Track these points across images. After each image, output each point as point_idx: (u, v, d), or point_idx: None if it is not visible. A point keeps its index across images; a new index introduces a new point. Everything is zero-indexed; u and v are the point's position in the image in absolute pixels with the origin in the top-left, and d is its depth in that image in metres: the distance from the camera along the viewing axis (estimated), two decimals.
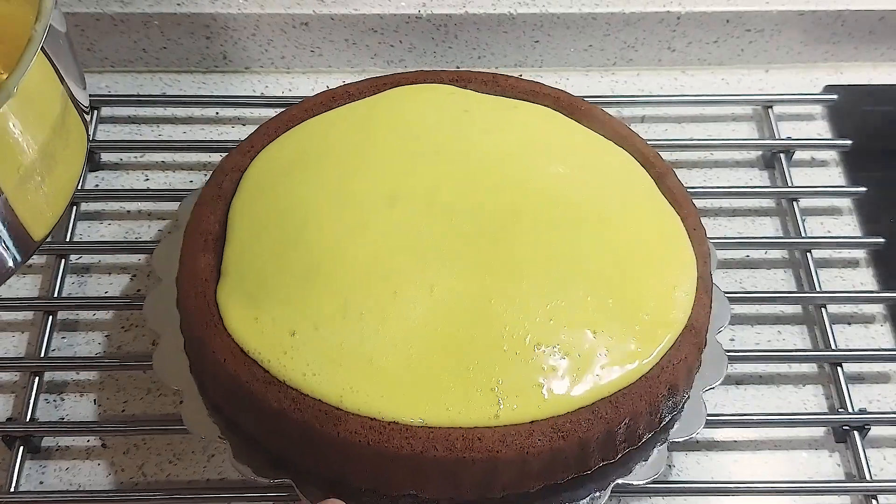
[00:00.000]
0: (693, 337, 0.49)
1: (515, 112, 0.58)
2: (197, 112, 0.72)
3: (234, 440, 0.48)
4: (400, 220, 0.51)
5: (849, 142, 0.69)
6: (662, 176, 0.55)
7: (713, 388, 0.53)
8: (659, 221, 0.53)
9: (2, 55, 0.49)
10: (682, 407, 0.51)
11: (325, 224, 0.51)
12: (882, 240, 0.64)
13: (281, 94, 0.73)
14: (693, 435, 0.51)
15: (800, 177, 0.69)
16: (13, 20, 0.48)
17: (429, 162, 0.54)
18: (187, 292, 0.50)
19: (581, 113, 0.58)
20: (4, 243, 0.44)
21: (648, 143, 0.58)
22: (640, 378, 0.47)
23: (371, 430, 0.44)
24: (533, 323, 0.47)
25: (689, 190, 0.67)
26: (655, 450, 0.50)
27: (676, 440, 0.51)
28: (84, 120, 0.49)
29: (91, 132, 0.69)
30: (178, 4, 0.70)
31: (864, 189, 0.66)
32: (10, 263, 0.45)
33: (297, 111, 0.58)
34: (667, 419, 0.50)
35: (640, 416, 0.47)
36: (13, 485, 0.53)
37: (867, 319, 0.63)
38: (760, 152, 0.70)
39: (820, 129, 0.73)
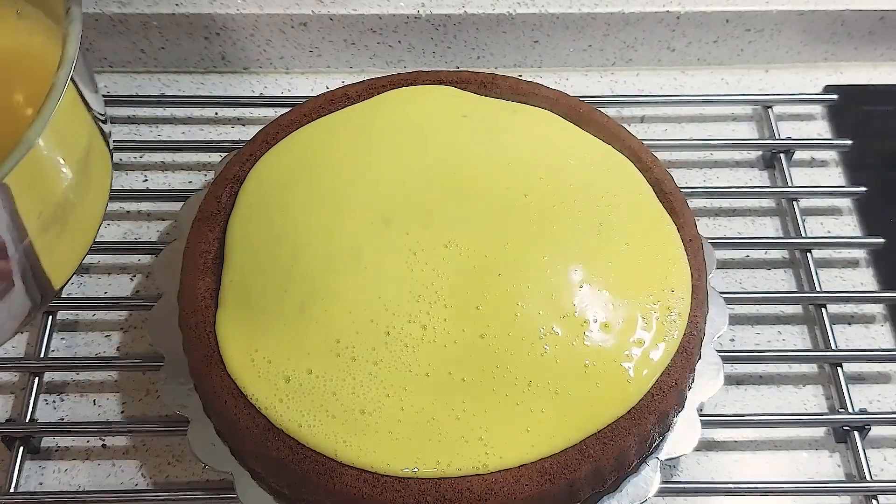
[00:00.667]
0: (684, 360, 0.49)
1: (514, 117, 0.57)
2: (196, 112, 0.71)
3: (241, 472, 0.48)
4: (393, 245, 0.50)
5: (849, 142, 0.69)
6: (660, 182, 0.55)
7: (704, 403, 0.52)
8: (656, 234, 0.52)
9: (30, 91, 0.48)
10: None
11: (317, 251, 0.50)
12: (882, 240, 0.63)
13: (280, 95, 0.73)
14: (685, 454, 0.51)
15: (800, 177, 0.69)
16: (39, 55, 0.48)
17: (426, 174, 0.54)
18: (188, 319, 0.50)
19: (580, 116, 0.58)
20: (27, 289, 0.43)
21: (647, 144, 0.58)
22: (628, 411, 0.46)
23: (364, 482, 0.44)
24: (524, 360, 0.47)
25: (689, 190, 0.67)
26: (647, 465, 0.50)
27: (671, 456, 0.51)
28: (109, 152, 0.49)
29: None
30: (177, 5, 0.70)
31: (864, 189, 0.66)
32: (28, 310, 0.44)
33: (295, 115, 0.58)
34: (658, 441, 0.49)
35: (629, 449, 0.46)
36: (13, 485, 0.53)
37: (867, 319, 0.62)
38: (760, 152, 0.70)
39: (820, 129, 0.73)
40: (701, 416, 0.57)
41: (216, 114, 0.72)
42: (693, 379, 0.51)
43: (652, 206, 0.54)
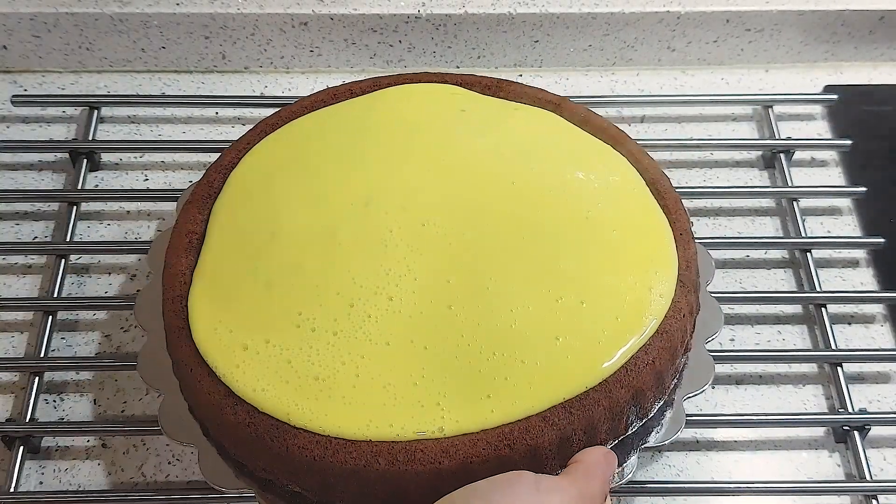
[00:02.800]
0: (665, 341, 0.48)
1: (514, 113, 0.58)
2: (196, 112, 0.72)
3: (205, 445, 0.49)
4: (371, 223, 0.51)
5: (849, 142, 0.69)
6: (655, 181, 0.55)
7: (694, 395, 0.52)
8: (645, 224, 0.52)
9: None
10: (662, 414, 0.50)
11: (295, 230, 0.51)
12: (882, 240, 0.64)
13: (280, 94, 0.73)
14: (665, 442, 0.50)
15: (800, 177, 0.69)
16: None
17: (416, 161, 0.54)
18: (167, 294, 0.51)
19: (581, 119, 0.58)
20: None
21: (647, 144, 0.58)
22: (599, 383, 0.46)
23: (316, 445, 0.45)
24: (491, 330, 0.47)
25: (688, 190, 0.67)
26: (628, 458, 0.49)
27: (648, 445, 0.50)
28: None
29: (91, 133, 0.69)
30: (177, 4, 0.70)
31: (864, 189, 0.66)
32: None
33: (296, 107, 0.59)
34: (635, 425, 0.48)
35: (599, 422, 0.46)
36: (13, 485, 0.53)
37: (867, 319, 0.63)
38: (760, 152, 0.70)
39: (820, 129, 0.73)
40: (701, 415, 0.58)
41: (216, 113, 0.72)
42: (680, 374, 0.51)
43: (644, 199, 0.54)
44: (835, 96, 0.71)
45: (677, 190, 0.67)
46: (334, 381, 0.46)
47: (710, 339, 0.53)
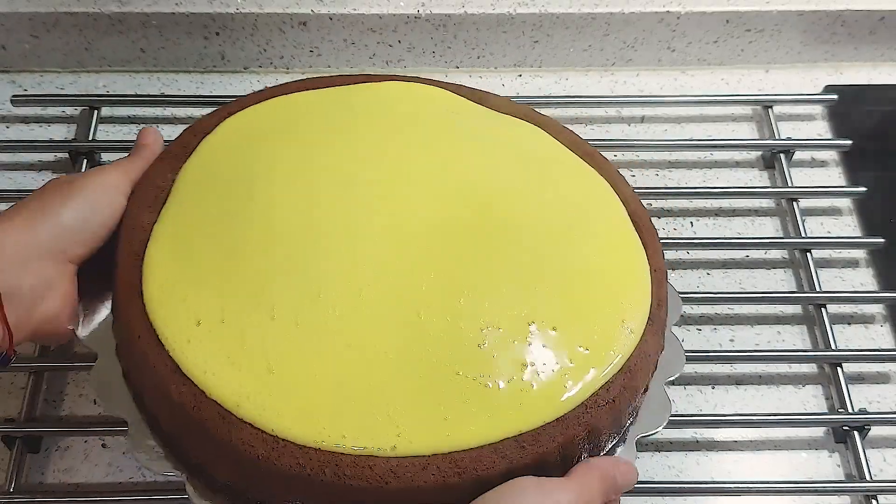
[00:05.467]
0: (627, 380, 0.46)
1: (502, 123, 0.56)
2: (196, 112, 0.71)
3: (136, 419, 0.46)
4: (351, 208, 0.48)
5: (849, 142, 0.69)
6: (635, 213, 0.52)
7: (648, 435, 0.49)
8: (624, 256, 0.50)
9: None
10: (614, 451, 0.48)
11: (270, 202, 0.48)
12: (882, 240, 0.64)
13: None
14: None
15: (800, 177, 0.69)
16: None
17: (403, 153, 0.51)
18: (122, 249, 0.48)
19: (569, 141, 0.55)
20: None
21: (647, 144, 0.58)
22: (556, 419, 0.44)
23: (263, 443, 0.42)
24: (458, 347, 0.44)
25: (688, 190, 0.68)
26: None
27: None
28: None
29: (91, 133, 0.69)
30: (177, 4, 0.70)
31: (864, 189, 0.66)
32: None
33: (291, 86, 0.56)
34: (584, 458, 0.46)
35: (550, 458, 0.43)
36: (13, 484, 0.53)
37: (867, 319, 0.63)
38: (760, 152, 0.70)
39: (820, 129, 0.73)
40: (701, 415, 0.58)
41: None
42: (636, 412, 0.48)
43: (624, 228, 0.51)
44: (835, 96, 0.71)
45: (677, 190, 0.68)
46: (290, 377, 0.43)
47: (669, 378, 0.50)
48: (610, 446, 0.47)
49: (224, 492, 0.45)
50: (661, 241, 0.64)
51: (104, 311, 0.49)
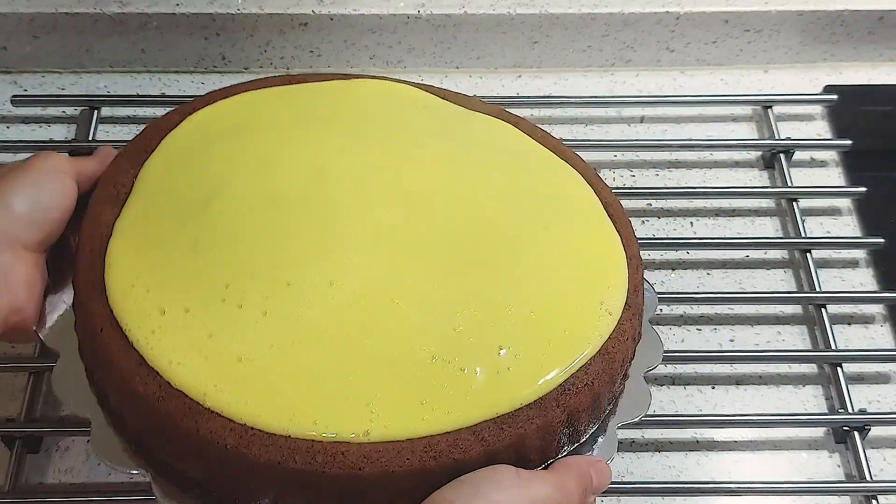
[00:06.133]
0: (606, 363, 0.45)
1: (474, 119, 0.55)
2: None
3: (100, 419, 0.45)
4: (321, 197, 0.47)
5: (849, 142, 0.69)
6: (609, 203, 0.52)
7: (628, 422, 0.48)
8: (600, 241, 0.50)
9: None
10: (594, 440, 0.47)
11: (235, 194, 0.47)
12: (882, 240, 0.64)
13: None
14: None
15: (799, 177, 0.69)
16: None
17: (375, 145, 0.50)
18: (82, 246, 0.47)
19: (539, 136, 0.55)
20: None
21: (647, 143, 0.58)
22: (535, 400, 0.43)
23: (231, 433, 0.41)
24: (433, 332, 0.44)
25: (688, 190, 0.68)
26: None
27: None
28: None
29: (91, 133, 0.69)
30: (177, 5, 0.70)
31: (864, 189, 0.66)
32: None
33: (260, 83, 0.56)
34: (566, 449, 0.46)
35: (530, 441, 0.43)
36: (13, 484, 0.53)
37: (867, 319, 0.63)
38: (760, 152, 0.70)
39: (820, 129, 0.73)
40: (701, 415, 0.58)
41: None
42: (616, 400, 0.48)
43: (599, 217, 0.51)
44: (834, 96, 0.72)
45: (677, 190, 0.68)
46: (259, 365, 0.42)
47: (649, 369, 0.50)
48: (590, 433, 0.47)
49: (194, 490, 0.44)
50: (661, 241, 0.65)
51: (63, 308, 0.48)
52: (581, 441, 0.46)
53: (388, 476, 0.41)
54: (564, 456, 0.45)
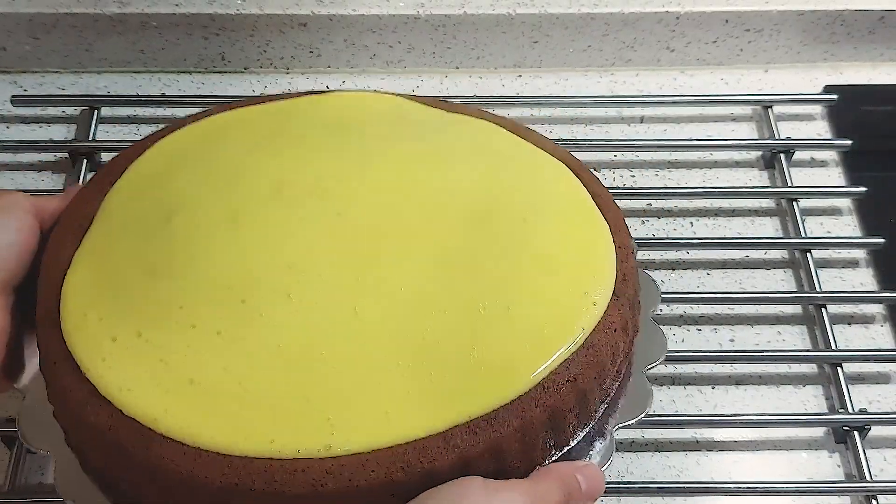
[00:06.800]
0: (590, 357, 0.42)
1: (455, 120, 0.53)
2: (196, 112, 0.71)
3: (64, 453, 0.44)
4: (278, 212, 0.46)
5: (849, 142, 0.69)
6: (598, 195, 0.50)
7: (625, 423, 0.47)
8: (585, 231, 0.48)
9: None
10: (590, 444, 0.45)
11: (193, 216, 0.46)
12: (882, 240, 0.64)
13: (280, 94, 0.73)
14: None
15: (800, 177, 0.69)
16: None
17: (340, 154, 0.49)
18: (41, 279, 0.46)
19: (523, 132, 0.53)
20: None
21: (647, 143, 0.58)
22: (510, 401, 0.41)
23: (185, 456, 0.39)
24: (398, 339, 0.42)
25: (688, 190, 0.68)
26: None
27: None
28: None
29: (91, 133, 0.69)
30: (177, 5, 0.70)
31: (864, 189, 0.66)
32: None
33: (228, 105, 0.54)
34: (554, 454, 0.43)
35: (508, 445, 0.40)
36: (13, 484, 0.53)
37: (867, 319, 0.62)
38: (760, 152, 0.70)
39: (820, 129, 0.73)
40: (701, 415, 0.58)
41: None
42: (613, 400, 0.46)
43: (585, 207, 0.49)
44: (834, 96, 0.71)
45: (677, 190, 0.68)
46: (212, 387, 0.41)
47: (650, 366, 0.48)
48: (581, 436, 0.44)
49: None
50: (661, 240, 0.65)
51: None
52: (571, 445, 0.44)
53: (354, 491, 0.39)
54: (555, 461, 0.43)
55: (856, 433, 0.56)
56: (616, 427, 0.46)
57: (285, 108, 0.53)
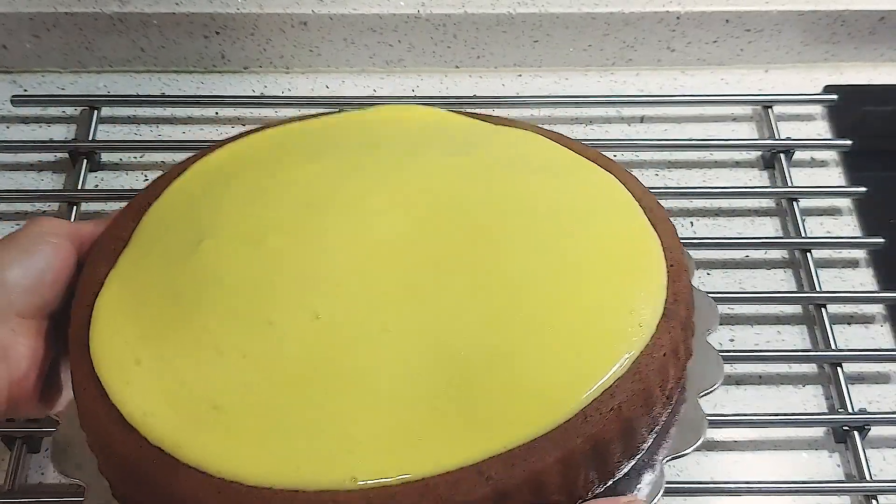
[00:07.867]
0: (637, 384, 0.40)
1: (497, 132, 0.52)
2: (196, 112, 0.71)
3: (95, 483, 0.43)
4: (309, 230, 0.44)
5: (849, 142, 0.69)
6: (650, 209, 0.47)
7: (676, 457, 0.45)
8: (634, 245, 0.45)
9: None
10: (639, 476, 0.43)
11: (224, 236, 0.45)
12: (882, 240, 0.64)
13: (280, 94, 0.73)
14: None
15: (800, 177, 0.69)
16: None
17: (376, 169, 0.47)
18: (76, 302, 0.45)
19: (571, 144, 0.51)
20: None
21: (647, 143, 0.57)
22: (550, 431, 0.38)
23: (209, 488, 0.38)
24: (433, 360, 0.39)
25: (689, 190, 0.67)
26: None
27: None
28: None
29: (91, 133, 0.69)
30: (177, 4, 0.70)
31: (864, 189, 0.66)
32: None
33: (266, 125, 0.53)
34: (598, 486, 0.40)
35: (547, 478, 0.38)
36: (13, 484, 0.53)
37: (867, 319, 0.63)
38: (760, 152, 0.70)
39: (820, 129, 0.73)
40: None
41: (216, 113, 0.72)
42: (663, 427, 0.44)
43: (635, 220, 0.47)
44: (835, 96, 0.71)
45: (676, 190, 0.68)
46: (237, 413, 0.39)
47: (704, 393, 0.46)
48: (627, 468, 0.41)
49: None
50: None
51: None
52: (616, 477, 0.41)
53: None
54: (599, 494, 0.40)
55: (856, 433, 0.56)
56: (667, 458, 0.44)
57: (327, 126, 0.52)
